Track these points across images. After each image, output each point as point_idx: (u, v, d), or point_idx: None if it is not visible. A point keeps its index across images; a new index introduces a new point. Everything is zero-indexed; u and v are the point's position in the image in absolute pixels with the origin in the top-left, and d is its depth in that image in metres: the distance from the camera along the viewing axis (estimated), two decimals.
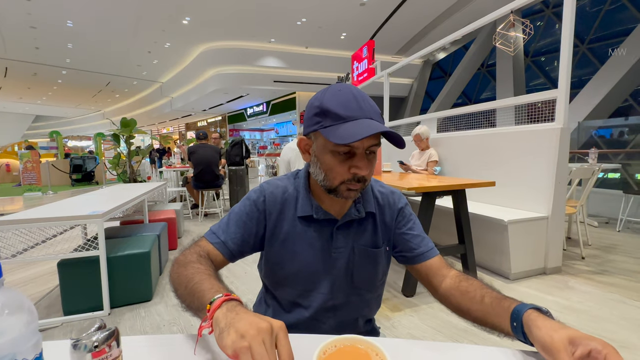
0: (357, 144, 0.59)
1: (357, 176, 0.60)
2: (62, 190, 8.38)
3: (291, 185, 0.73)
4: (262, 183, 0.74)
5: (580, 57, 7.14)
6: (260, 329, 0.38)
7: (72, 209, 1.89)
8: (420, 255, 0.71)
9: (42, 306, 1.98)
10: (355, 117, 0.58)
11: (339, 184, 0.62)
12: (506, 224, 2.18)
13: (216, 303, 0.44)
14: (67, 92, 15.91)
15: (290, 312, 0.73)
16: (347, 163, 0.60)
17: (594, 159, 3.50)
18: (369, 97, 0.62)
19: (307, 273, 0.69)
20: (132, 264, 1.96)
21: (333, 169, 0.61)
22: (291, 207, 0.70)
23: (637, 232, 3.43)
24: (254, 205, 0.70)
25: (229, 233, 0.67)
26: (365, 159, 0.60)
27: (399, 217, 0.74)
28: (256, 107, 14.28)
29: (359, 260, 0.71)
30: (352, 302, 0.72)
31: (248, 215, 0.69)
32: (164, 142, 10.31)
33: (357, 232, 0.71)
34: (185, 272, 0.56)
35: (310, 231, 0.69)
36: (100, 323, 0.41)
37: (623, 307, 1.86)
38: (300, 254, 0.69)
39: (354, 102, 0.59)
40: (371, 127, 0.56)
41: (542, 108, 2.46)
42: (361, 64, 5.56)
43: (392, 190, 0.78)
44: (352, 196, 0.63)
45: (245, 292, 2.17)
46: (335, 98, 0.60)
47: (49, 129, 15.27)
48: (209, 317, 0.43)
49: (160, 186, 3.45)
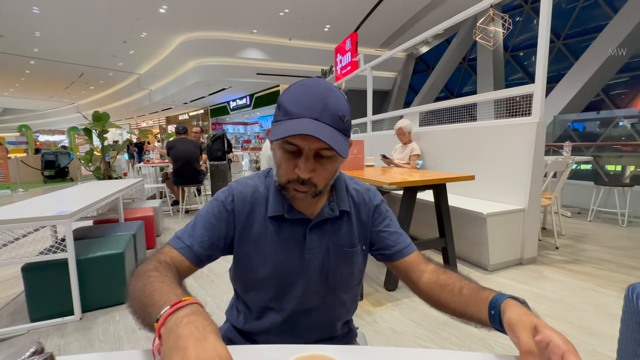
0: (302, 144, 0.55)
1: (300, 178, 0.58)
2: (34, 187, 7.96)
3: (262, 184, 0.69)
4: (231, 183, 0.70)
5: (556, 52, 7.35)
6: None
7: (39, 209, 1.78)
8: (398, 252, 0.70)
9: (7, 313, 1.87)
10: (299, 115, 0.55)
11: (286, 182, 0.60)
12: (485, 217, 2.22)
13: (161, 320, 0.40)
14: (37, 83, 15.03)
15: (262, 317, 0.70)
16: (293, 162, 0.58)
17: (568, 151, 3.62)
18: (335, 96, 0.57)
19: (280, 275, 0.66)
20: (104, 265, 1.87)
21: (281, 165, 0.60)
22: (261, 207, 0.67)
23: (607, 221, 3.59)
24: (222, 205, 0.66)
25: (195, 237, 0.63)
26: (310, 161, 0.57)
27: (375, 214, 0.73)
28: (239, 101, 13.98)
29: (335, 261, 0.68)
30: (327, 303, 0.70)
31: (216, 217, 0.65)
32: (142, 136, 9.94)
33: (331, 231, 0.68)
34: (138, 284, 0.50)
35: (282, 232, 0.66)
36: (37, 346, 0.37)
37: (593, 294, 1.94)
38: (272, 256, 0.65)
39: (307, 100, 0.56)
40: (300, 129, 0.53)
41: (520, 102, 2.51)
42: (344, 56, 5.51)
43: (368, 187, 0.76)
44: (298, 197, 0.60)
45: (226, 290, 2.12)
46: (294, 93, 0.58)
47: (18, 123, 14.43)
48: (157, 335, 0.39)
49: (138, 183, 3.31)
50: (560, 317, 1.71)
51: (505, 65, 8.63)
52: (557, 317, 1.72)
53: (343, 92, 0.67)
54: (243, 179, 0.71)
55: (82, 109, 19.43)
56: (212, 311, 1.86)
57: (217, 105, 15.68)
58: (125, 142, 4.90)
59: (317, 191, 0.60)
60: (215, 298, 2.03)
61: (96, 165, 4.18)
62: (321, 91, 0.56)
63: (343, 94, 0.61)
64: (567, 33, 7.26)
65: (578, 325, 1.64)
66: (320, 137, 0.52)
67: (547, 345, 0.41)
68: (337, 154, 0.55)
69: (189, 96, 13.73)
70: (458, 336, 1.58)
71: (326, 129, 0.54)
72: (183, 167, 4.19)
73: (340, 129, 0.57)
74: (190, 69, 10.92)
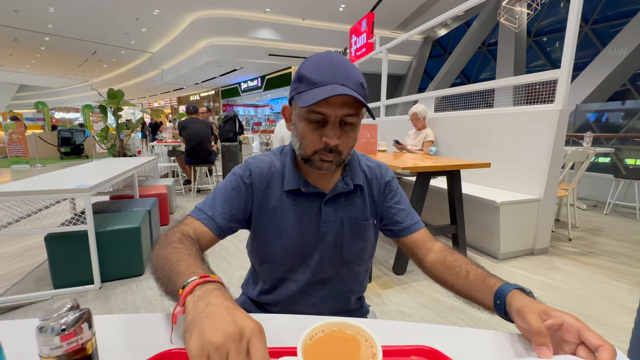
0: (328, 112, 0.57)
1: (328, 146, 0.59)
2: (51, 163, 8.19)
3: (277, 160, 0.71)
4: (247, 159, 0.72)
5: (583, 37, 6.98)
6: (227, 336, 0.32)
7: (59, 183, 1.84)
8: (406, 229, 0.72)
9: (32, 279, 1.97)
10: (325, 83, 0.56)
11: (311, 153, 0.61)
12: (498, 206, 2.19)
13: (188, 287, 0.40)
14: (52, 60, 15.14)
15: (277, 288, 0.72)
16: (319, 131, 0.59)
17: (588, 142, 3.50)
18: (352, 66, 0.60)
19: (296, 247, 0.68)
20: (122, 239, 1.94)
21: (306, 137, 0.60)
22: (278, 181, 0.68)
23: (624, 215, 3.51)
24: (240, 179, 0.67)
25: (216, 208, 0.65)
26: (337, 128, 0.59)
27: (385, 190, 0.75)
28: (250, 82, 13.85)
29: (349, 234, 0.70)
30: (341, 275, 0.72)
31: (234, 190, 0.67)
32: (154, 115, 10.02)
33: (345, 205, 0.70)
34: (164, 252, 0.52)
35: (298, 206, 0.68)
36: (73, 303, 0.39)
37: (605, 287, 1.92)
38: (289, 229, 0.67)
39: (329, 68, 0.57)
40: (330, 92, 0.54)
41: (541, 90, 2.41)
42: (359, 38, 5.36)
43: (379, 163, 0.78)
44: (325, 168, 0.62)
45: (237, 267, 2.18)
46: (313, 64, 0.59)
47: (34, 100, 14.68)
48: (181, 302, 0.39)
49: (152, 161, 3.37)
50: (570, 308, 1.70)
51: (527, 50, 8.26)
52: (567, 307, 1.71)
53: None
54: (259, 155, 0.72)
55: (95, 87, 19.60)
56: None
57: (228, 87, 15.59)
58: (139, 121, 4.94)
59: (341, 160, 0.62)
60: (227, 274, 2.09)
61: (111, 143, 4.25)
62: (341, 61, 0.59)
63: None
64: (595, 17, 6.86)
65: (588, 316, 1.63)
66: (358, 97, 0.55)
67: (560, 327, 0.41)
68: (371, 116, 0.59)
69: (200, 76, 13.66)
70: (465, 320, 1.60)
71: (344, 89, 0.55)
72: (195, 147, 4.23)
73: (362, 95, 0.58)
74: (201, 48, 10.81)
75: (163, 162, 5.45)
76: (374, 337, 0.33)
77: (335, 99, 0.55)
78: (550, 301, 1.76)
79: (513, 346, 0.47)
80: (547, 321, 0.42)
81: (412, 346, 0.44)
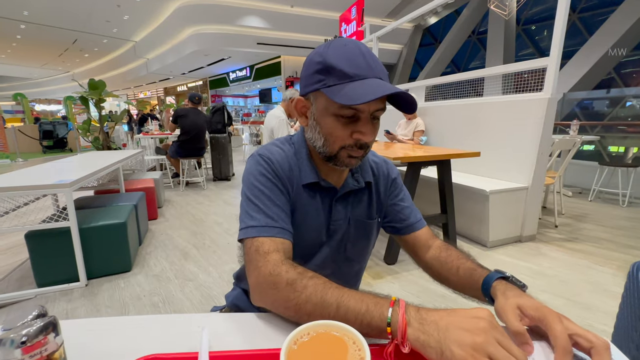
0: (363, 107, 0.52)
1: (359, 142, 0.55)
2: (33, 157, 7.91)
3: (290, 151, 0.65)
4: (260, 151, 0.63)
5: (571, 26, 7.02)
6: (480, 330, 0.35)
7: (40, 178, 1.76)
8: (409, 226, 0.71)
9: (14, 278, 1.91)
10: (363, 76, 0.52)
11: (339, 149, 0.57)
12: (487, 194, 2.21)
13: (399, 321, 0.38)
14: (29, 49, 14.47)
15: None
16: (349, 127, 0.55)
17: (575, 130, 3.55)
18: (375, 55, 0.55)
19: (305, 245, 0.64)
20: (107, 234, 1.89)
21: (333, 134, 0.56)
22: (296, 174, 0.63)
23: (607, 201, 3.60)
24: (271, 176, 0.59)
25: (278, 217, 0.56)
26: (370, 123, 0.55)
27: (391, 187, 0.73)
28: (239, 72, 13.57)
29: (354, 232, 0.68)
30: (342, 272, 0.71)
31: (272, 190, 0.59)
32: (140, 107, 9.73)
33: (353, 203, 0.68)
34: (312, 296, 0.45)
35: (313, 201, 0.64)
36: (40, 310, 0.36)
37: (590, 272, 1.98)
38: (303, 226, 0.63)
39: (362, 59, 0.52)
40: (383, 88, 0.50)
41: (529, 78, 2.42)
42: (349, 26, 5.26)
43: (385, 159, 0.76)
44: (352, 164, 0.58)
45: (227, 261, 2.16)
46: (341, 53, 0.52)
47: (12, 91, 14.08)
48: (401, 340, 0.38)
49: (137, 154, 3.28)
50: (556, 293, 1.75)
51: (516, 39, 8.28)
52: (553, 292, 1.75)
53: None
54: (270, 147, 0.65)
55: (77, 77, 18.89)
56: (215, 280, 1.90)
57: (216, 77, 15.24)
58: (123, 112, 4.78)
59: (366, 154, 0.60)
60: (217, 268, 2.06)
61: (94, 136, 4.10)
62: (365, 49, 0.54)
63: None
64: (583, 6, 6.90)
65: (573, 300, 1.68)
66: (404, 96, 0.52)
67: (538, 321, 0.42)
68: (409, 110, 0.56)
69: (187, 66, 13.29)
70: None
71: (395, 87, 0.52)
72: (192, 140, 4.11)
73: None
74: (187, 36, 10.48)
75: (150, 155, 5.32)
76: (361, 339, 0.32)
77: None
78: (536, 287, 1.81)
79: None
80: (524, 320, 0.43)
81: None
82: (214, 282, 1.89)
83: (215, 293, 1.76)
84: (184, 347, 0.42)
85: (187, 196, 4.02)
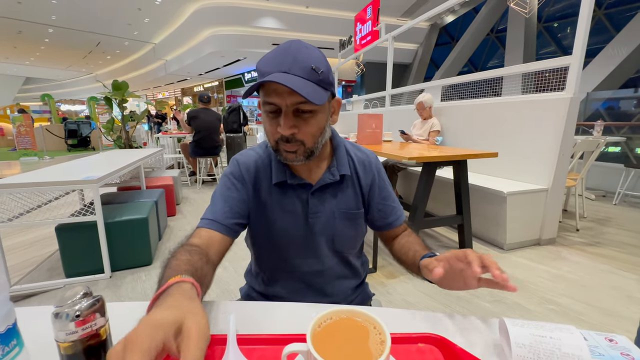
0: (278, 101, 0.56)
1: (283, 136, 0.58)
2: (59, 155, 8.29)
3: (264, 153, 0.72)
4: (234, 156, 0.72)
5: (596, 22, 6.75)
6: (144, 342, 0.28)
7: (67, 174, 1.86)
8: (389, 224, 0.76)
9: (44, 268, 2.02)
10: (268, 72, 0.55)
11: (275, 144, 0.61)
12: (505, 196, 2.17)
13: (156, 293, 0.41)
14: (56, 52, 15.17)
15: (275, 280, 0.74)
16: (276, 121, 0.59)
17: (599, 131, 3.43)
18: (308, 51, 0.57)
19: (287, 240, 0.69)
20: (130, 229, 1.97)
21: (266, 128, 0.62)
22: (266, 175, 0.69)
23: (633, 205, 3.45)
24: (232, 176, 0.69)
25: (216, 211, 0.65)
26: (289, 117, 0.57)
27: (374, 182, 0.75)
28: (254, 73, 13.75)
29: (340, 224, 0.71)
30: (335, 265, 0.74)
31: (230, 189, 0.67)
32: (159, 107, 10.03)
33: (335, 196, 0.70)
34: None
35: (286, 198, 0.68)
36: (86, 290, 0.39)
37: (613, 277, 1.91)
38: (278, 221, 0.68)
39: (277, 57, 0.56)
40: (266, 79, 0.53)
41: (550, 77, 2.35)
42: (364, 25, 5.26)
43: (368, 153, 0.77)
44: (290, 158, 0.61)
45: (243, 257, 2.20)
46: (267, 55, 0.58)
47: (40, 92, 14.76)
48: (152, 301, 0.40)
49: (157, 152, 3.39)
50: (577, 298, 1.70)
51: (537, 37, 8.04)
52: (573, 297, 1.71)
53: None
54: (245, 150, 0.74)
55: (100, 79, 19.62)
56: (231, 275, 1.95)
57: (232, 77, 15.49)
58: (144, 112, 4.95)
59: (308, 149, 0.61)
60: (233, 263, 2.11)
61: (117, 135, 4.27)
62: (293, 48, 0.57)
63: (320, 50, 0.60)
64: (610, 2, 6.63)
65: (594, 305, 1.63)
66: (284, 83, 0.52)
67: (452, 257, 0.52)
68: (307, 100, 0.53)
69: (203, 67, 13.58)
70: (470, 309, 1.60)
71: (294, 79, 0.54)
72: (204, 139, 4.21)
73: (316, 80, 0.56)
74: (204, 38, 10.72)
75: (168, 153, 5.48)
76: (382, 324, 0.34)
77: (283, 87, 0.53)
78: (556, 291, 1.76)
79: None
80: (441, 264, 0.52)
81: (419, 334, 0.45)
82: (230, 277, 1.94)
83: (232, 288, 1.81)
84: (214, 330, 0.45)
85: (204, 194, 4.12)
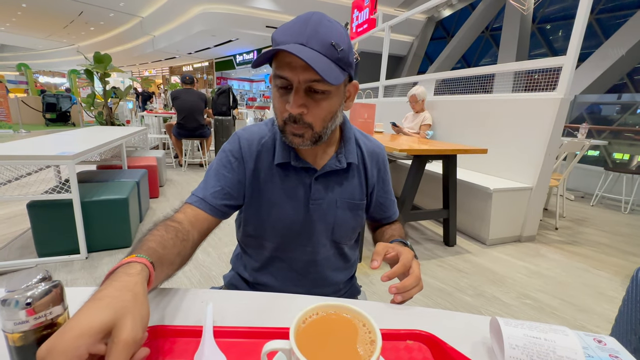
0: (290, 76, 0.51)
1: (292, 115, 0.53)
2: (36, 129, 7.88)
3: (269, 131, 0.66)
4: (238, 130, 0.67)
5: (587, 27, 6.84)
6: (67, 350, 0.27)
7: (42, 149, 1.75)
8: (388, 217, 0.78)
9: (15, 247, 1.92)
10: (285, 42, 0.49)
11: (282, 124, 0.57)
12: (491, 192, 2.20)
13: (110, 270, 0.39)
14: (34, 19, 14.23)
15: (267, 267, 0.70)
16: (285, 98, 0.54)
17: (583, 134, 3.51)
18: (334, 27, 0.52)
19: (284, 224, 0.65)
20: (109, 209, 1.89)
21: (275, 105, 0.57)
22: (269, 154, 0.64)
23: (609, 207, 3.59)
24: (230, 154, 0.64)
25: (207, 189, 0.62)
26: (300, 95, 0.52)
27: (380, 174, 0.73)
28: (246, 55, 13.37)
29: (342, 213, 0.67)
30: (331, 255, 0.71)
31: (225, 167, 0.63)
32: (145, 85, 9.63)
33: (339, 184, 0.67)
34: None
35: (288, 180, 0.64)
36: (45, 274, 0.35)
37: (586, 275, 1.98)
38: (278, 204, 0.64)
39: (295, 27, 0.50)
40: (286, 49, 0.47)
41: (540, 78, 2.37)
42: (362, 13, 5.15)
43: (378, 144, 0.74)
44: (296, 142, 0.57)
45: (227, 243, 2.16)
46: (285, 24, 0.52)
47: (16, 61, 13.91)
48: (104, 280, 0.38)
49: (141, 131, 3.25)
50: (552, 293, 1.76)
51: (530, 37, 8.09)
52: (549, 293, 1.76)
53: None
54: (250, 126, 0.68)
55: (82, 51, 18.64)
56: (214, 261, 1.92)
57: (222, 59, 15.02)
58: (127, 89, 4.72)
59: (315, 134, 0.56)
60: (217, 249, 2.07)
61: (98, 110, 4.07)
62: (314, 19, 0.51)
63: (343, 27, 0.54)
64: (601, 7, 6.71)
65: (569, 302, 1.68)
66: (298, 54, 0.46)
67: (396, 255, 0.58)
68: (322, 79, 0.48)
69: (193, 46, 13.08)
70: (451, 302, 1.63)
71: (311, 52, 0.48)
72: (186, 119, 4.09)
73: (334, 58, 0.51)
74: (195, 15, 10.27)
75: (153, 133, 5.29)
76: (373, 322, 0.31)
77: (297, 61, 0.48)
78: (533, 286, 1.81)
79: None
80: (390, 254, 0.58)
81: (407, 330, 0.43)
82: (213, 262, 1.90)
83: (214, 274, 1.78)
84: (189, 321, 0.42)
85: (188, 176, 4.01)
